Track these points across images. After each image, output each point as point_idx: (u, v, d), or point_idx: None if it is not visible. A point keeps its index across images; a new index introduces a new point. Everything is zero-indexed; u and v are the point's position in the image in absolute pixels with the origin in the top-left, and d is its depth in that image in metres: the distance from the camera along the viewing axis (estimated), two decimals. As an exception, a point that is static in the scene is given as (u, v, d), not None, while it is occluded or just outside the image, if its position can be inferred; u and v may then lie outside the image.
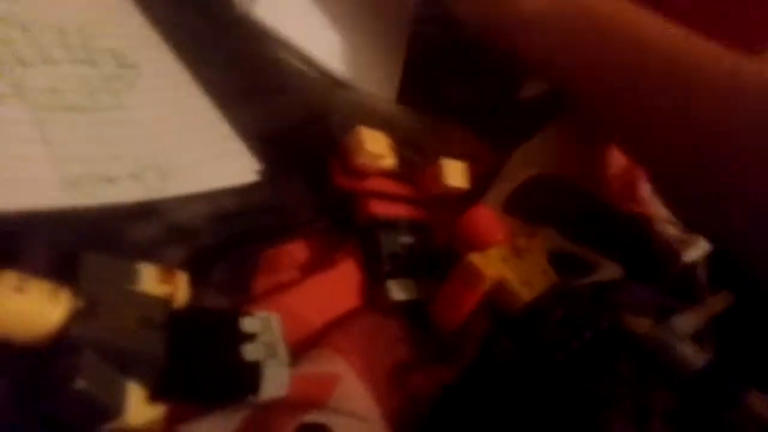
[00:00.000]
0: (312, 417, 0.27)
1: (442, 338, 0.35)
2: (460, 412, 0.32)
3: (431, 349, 0.34)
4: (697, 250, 0.46)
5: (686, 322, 0.37)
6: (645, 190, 0.49)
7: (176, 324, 0.27)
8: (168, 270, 0.29)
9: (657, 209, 0.51)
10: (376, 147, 0.37)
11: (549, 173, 0.44)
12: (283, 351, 0.28)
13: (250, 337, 0.28)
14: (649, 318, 0.37)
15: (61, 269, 0.27)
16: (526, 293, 0.35)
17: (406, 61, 0.51)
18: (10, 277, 0.24)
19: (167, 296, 0.28)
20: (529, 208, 0.43)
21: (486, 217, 0.38)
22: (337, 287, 0.34)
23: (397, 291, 0.35)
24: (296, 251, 0.35)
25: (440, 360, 0.34)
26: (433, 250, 0.38)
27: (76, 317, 0.24)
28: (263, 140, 0.38)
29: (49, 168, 0.29)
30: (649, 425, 0.34)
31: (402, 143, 0.42)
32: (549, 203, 0.43)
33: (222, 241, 0.33)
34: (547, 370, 0.33)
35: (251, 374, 0.26)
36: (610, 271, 0.40)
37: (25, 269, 0.25)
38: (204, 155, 0.35)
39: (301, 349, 0.31)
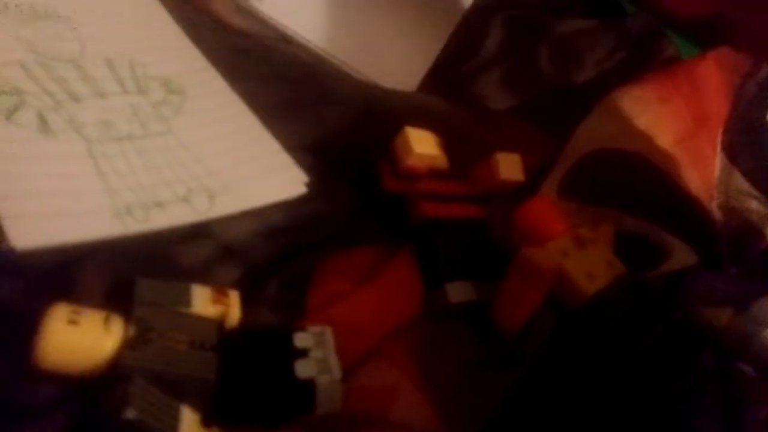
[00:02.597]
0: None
1: (506, 340, 0.33)
2: (525, 415, 0.30)
3: (495, 353, 0.33)
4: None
5: (772, 306, 0.34)
6: (716, 158, 0.46)
7: (228, 345, 0.27)
8: (220, 290, 0.29)
9: (736, 181, 0.47)
10: (424, 147, 0.36)
11: (605, 148, 0.42)
12: (336, 366, 0.27)
13: (303, 353, 0.28)
14: (728, 308, 0.34)
15: (116, 296, 0.27)
16: (589, 286, 0.33)
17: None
18: (63, 310, 0.24)
19: (220, 316, 0.28)
20: (587, 188, 0.41)
21: (543, 209, 0.36)
22: (393, 295, 0.34)
23: (456, 293, 0.34)
24: (349, 261, 0.35)
25: (505, 363, 0.32)
26: (492, 248, 0.37)
27: (128, 346, 0.25)
28: (311, 151, 0.37)
29: (103, 199, 0.31)
30: (744, 422, 0.32)
31: (453, 139, 0.41)
32: (609, 180, 0.41)
33: (274, 257, 0.33)
34: (615, 368, 0.31)
35: (304, 392, 0.26)
36: (683, 256, 0.37)
37: (81, 299, 0.26)
38: (251, 172, 0.35)
39: (357, 361, 0.30)
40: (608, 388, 0.32)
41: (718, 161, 0.48)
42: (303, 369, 0.27)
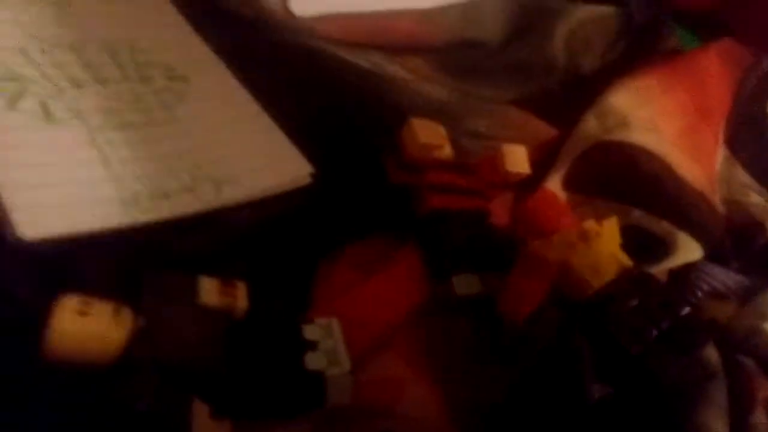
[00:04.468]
0: (382, 426, 0.26)
1: (512, 333, 0.33)
2: (529, 410, 0.30)
3: (501, 345, 0.33)
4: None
5: (775, 300, 0.35)
6: (718, 150, 0.46)
7: (237, 337, 0.27)
8: (227, 281, 0.29)
9: (737, 174, 0.48)
10: (430, 138, 0.36)
11: (607, 140, 0.42)
12: (344, 358, 0.27)
13: (312, 345, 0.27)
14: (732, 302, 0.35)
15: (123, 288, 0.27)
16: (595, 280, 0.33)
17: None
18: (73, 300, 0.24)
19: (228, 308, 0.28)
20: (591, 181, 0.40)
21: (549, 202, 0.36)
22: (399, 287, 0.33)
23: (462, 286, 0.34)
24: (355, 253, 0.34)
25: (511, 356, 0.32)
26: (498, 241, 0.37)
27: (138, 337, 0.25)
28: (316, 141, 0.37)
29: (109, 188, 0.30)
30: (749, 416, 0.32)
31: (459, 131, 0.41)
32: (613, 173, 0.41)
33: (280, 248, 0.32)
34: (623, 364, 0.31)
35: (314, 385, 0.26)
36: (688, 251, 0.37)
37: (89, 290, 0.25)
38: (257, 162, 0.35)
39: (364, 353, 0.30)
40: (613, 382, 0.32)
41: (719, 154, 0.48)
42: (313, 361, 0.27)
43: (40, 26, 0.35)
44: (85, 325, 0.24)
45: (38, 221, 0.27)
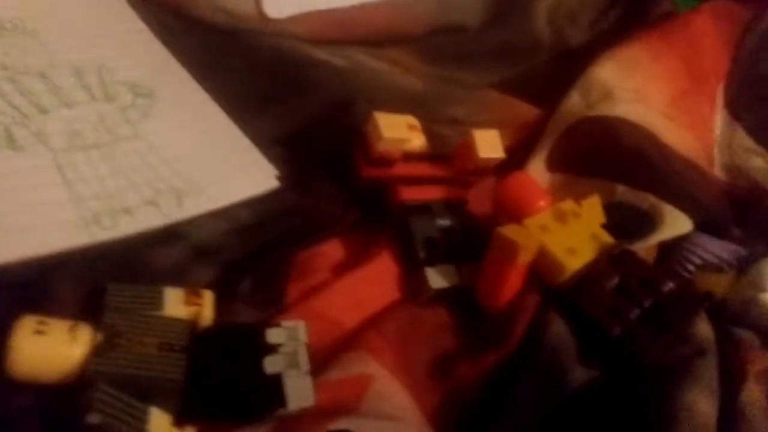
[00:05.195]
0: (338, 424, 0.26)
1: (490, 321, 0.33)
2: (509, 400, 0.29)
3: (478, 335, 0.32)
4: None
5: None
6: (715, 116, 0.44)
7: (199, 344, 0.27)
8: (193, 291, 0.29)
9: (739, 138, 0.45)
10: (395, 131, 0.35)
11: (589, 117, 0.40)
12: (304, 360, 0.27)
13: (273, 349, 0.27)
14: (728, 273, 0.33)
15: (89, 304, 0.28)
16: (572, 262, 0.32)
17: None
18: (30, 321, 0.25)
19: (192, 317, 0.28)
20: (575, 159, 0.39)
21: (523, 184, 0.35)
22: (373, 283, 0.33)
23: (436, 279, 0.33)
24: (329, 251, 0.34)
25: (488, 345, 0.32)
26: (474, 229, 0.36)
27: (95, 352, 0.25)
28: (285, 142, 0.37)
29: (70, 208, 0.31)
30: (739, 394, 0.30)
31: (436, 120, 0.41)
32: (595, 149, 0.39)
33: (247, 254, 0.32)
34: (604, 346, 0.30)
35: (272, 388, 0.26)
36: (676, 224, 0.36)
37: (55, 310, 0.26)
38: (221, 171, 0.35)
39: (337, 352, 0.30)
40: (597, 365, 0.31)
41: (719, 119, 0.46)
42: (271, 364, 0.27)
43: (10, 57, 0.36)
44: (42, 345, 0.25)
45: (1, 246, 0.28)
